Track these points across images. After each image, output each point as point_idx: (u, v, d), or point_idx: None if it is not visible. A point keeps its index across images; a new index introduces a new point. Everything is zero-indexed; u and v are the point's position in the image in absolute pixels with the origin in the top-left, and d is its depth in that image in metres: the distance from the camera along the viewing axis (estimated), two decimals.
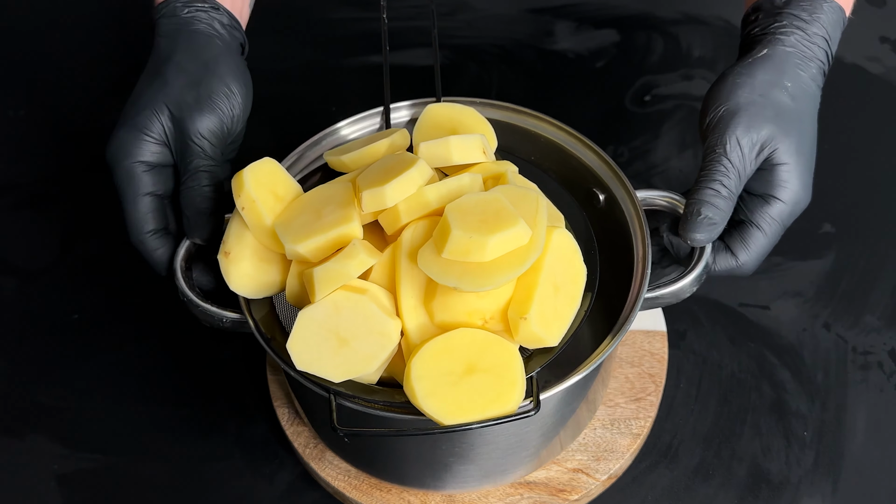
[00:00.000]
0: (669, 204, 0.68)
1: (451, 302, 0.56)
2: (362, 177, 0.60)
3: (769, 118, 0.64)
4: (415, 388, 0.55)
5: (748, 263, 0.67)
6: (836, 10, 0.69)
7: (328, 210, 0.59)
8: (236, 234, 0.62)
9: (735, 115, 0.64)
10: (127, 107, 0.67)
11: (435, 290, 0.56)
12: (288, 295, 0.61)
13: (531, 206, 0.57)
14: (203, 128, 0.65)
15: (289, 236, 0.58)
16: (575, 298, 0.59)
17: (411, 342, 0.57)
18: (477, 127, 0.68)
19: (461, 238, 0.54)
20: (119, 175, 0.66)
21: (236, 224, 0.62)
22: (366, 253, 0.57)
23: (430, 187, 0.58)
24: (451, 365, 0.55)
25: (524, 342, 0.57)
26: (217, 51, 0.68)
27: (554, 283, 0.57)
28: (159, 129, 0.66)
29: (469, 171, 0.61)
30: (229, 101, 0.66)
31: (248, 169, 0.61)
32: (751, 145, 0.64)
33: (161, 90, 0.66)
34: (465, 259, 0.55)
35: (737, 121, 0.64)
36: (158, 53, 0.68)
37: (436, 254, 0.55)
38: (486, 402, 0.55)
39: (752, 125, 0.64)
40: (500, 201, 0.56)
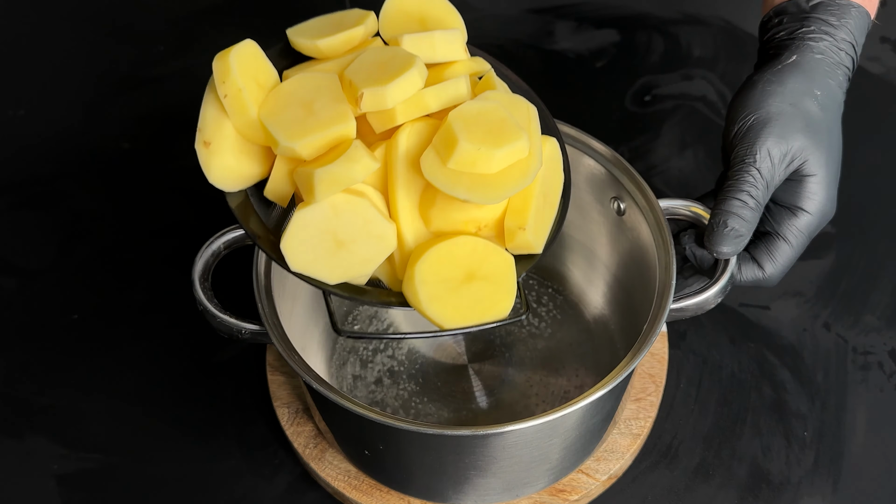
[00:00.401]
0: (693, 214, 0.68)
1: (450, 210, 0.56)
2: (354, 72, 0.57)
3: (800, 129, 0.63)
4: (418, 292, 0.55)
5: (774, 275, 0.66)
6: (864, 15, 0.68)
7: (320, 105, 0.57)
8: (214, 122, 0.58)
9: (766, 124, 0.64)
10: None
11: (434, 198, 0.56)
12: (269, 190, 0.59)
13: (525, 116, 0.57)
14: None
15: (282, 132, 0.56)
16: (555, 206, 0.60)
17: (406, 247, 0.57)
18: (448, 19, 0.64)
19: (469, 150, 0.54)
20: None
21: (213, 110, 0.58)
22: (369, 157, 0.55)
23: (429, 90, 0.57)
24: (452, 272, 0.56)
25: (515, 249, 0.58)
26: None
27: (544, 192, 0.58)
28: None
29: (452, 70, 0.60)
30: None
31: (233, 52, 0.57)
32: (781, 156, 0.63)
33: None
34: (472, 170, 0.54)
35: (768, 131, 0.63)
36: None
37: (440, 163, 0.55)
38: (483, 308, 0.56)
39: (784, 136, 0.63)
40: (500, 111, 0.55)
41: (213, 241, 0.67)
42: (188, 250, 0.77)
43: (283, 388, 0.74)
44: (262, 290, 0.64)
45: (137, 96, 0.97)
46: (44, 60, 1.01)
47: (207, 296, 0.65)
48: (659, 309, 0.63)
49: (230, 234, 0.67)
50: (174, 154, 0.93)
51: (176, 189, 0.90)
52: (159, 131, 0.95)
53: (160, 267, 0.85)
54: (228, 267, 0.73)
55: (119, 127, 0.95)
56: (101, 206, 0.89)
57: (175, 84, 0.98)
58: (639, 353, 0.61)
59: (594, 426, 0.66)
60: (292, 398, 0.74)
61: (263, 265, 0.65)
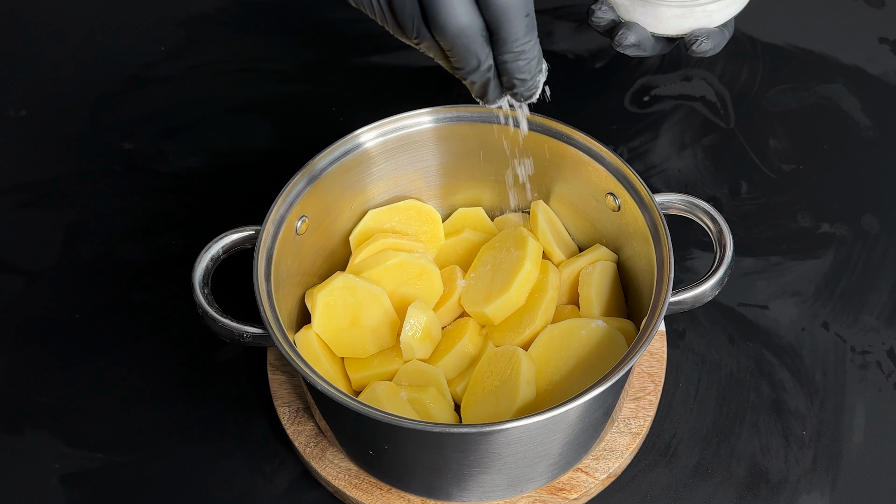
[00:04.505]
0: (689, 208, 0.69)
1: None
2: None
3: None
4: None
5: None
6: None
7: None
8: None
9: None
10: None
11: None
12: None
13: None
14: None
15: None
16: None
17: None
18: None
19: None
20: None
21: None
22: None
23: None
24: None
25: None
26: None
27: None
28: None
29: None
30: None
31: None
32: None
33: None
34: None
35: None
36: None
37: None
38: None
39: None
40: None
41: (212, 245, 0.67)
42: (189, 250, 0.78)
43: (284, 388, 0.75)
44: (264, 294, 0.64)
45: (139, 97, 0.98)
46: (45, 61, 1.01)
47: (208, 300, 0.65)
48: (658, 302, 0.63)
49: (229, 237, 0.68)
50: (175, 155, 0.93)
51: (176, 190, 0.90)
52: (161, 132, 0.95)
53: (161, 267, 0.85)
54: (228, 267, 0.73)
55: (120, 127, 0.95)
56: (102, 207, 0.89)
57: (176, 85, 0.99)
58: (640, 347, 0.61)
59: (595, 420, 0.66)
60: (293, 397, 0.74)
61: (264, 268, 0.66)
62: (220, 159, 0.92)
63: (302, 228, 0.70)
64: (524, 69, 0.56)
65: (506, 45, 0.55)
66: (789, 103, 0.96)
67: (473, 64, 0.55)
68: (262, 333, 0.64)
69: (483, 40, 0.55)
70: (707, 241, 0.83)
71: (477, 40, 0.54)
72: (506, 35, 0.54)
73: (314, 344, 0.70)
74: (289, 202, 0.69)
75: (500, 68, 0.57)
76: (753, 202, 0.88)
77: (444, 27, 0.53)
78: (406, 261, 0.73)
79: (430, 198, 0.79)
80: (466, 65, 0.56)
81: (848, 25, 1.02)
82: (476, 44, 0.55)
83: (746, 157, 0.92)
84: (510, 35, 0.54)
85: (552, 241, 0.75)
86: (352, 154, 0.72)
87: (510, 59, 0.55)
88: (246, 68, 1.00)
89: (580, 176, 0.73)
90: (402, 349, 0.71)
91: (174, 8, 1.05)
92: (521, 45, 0.55)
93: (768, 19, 1.03)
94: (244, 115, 0.96)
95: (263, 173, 0.91)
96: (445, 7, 0.52)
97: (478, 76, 0.57)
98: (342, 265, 0.77)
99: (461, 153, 0.76)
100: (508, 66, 0.56)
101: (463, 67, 0.56)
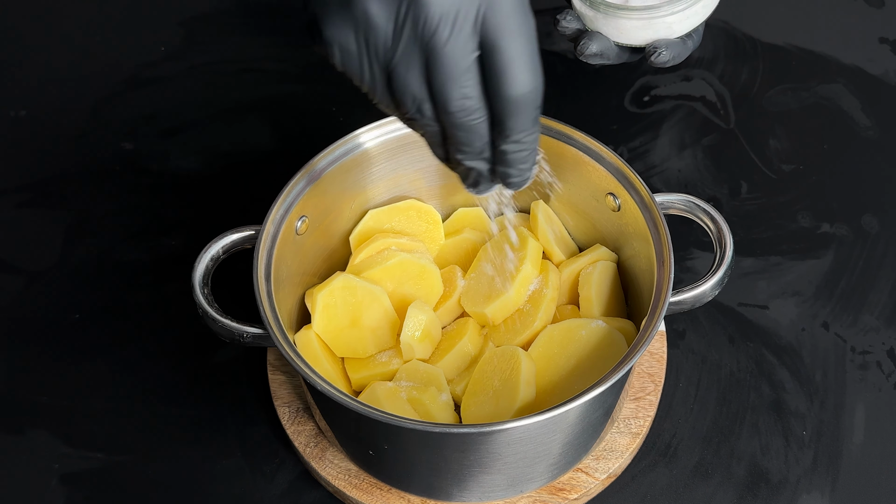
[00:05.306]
0: (689, 208, 0.69)
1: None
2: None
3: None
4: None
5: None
6: None
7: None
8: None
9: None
10: None
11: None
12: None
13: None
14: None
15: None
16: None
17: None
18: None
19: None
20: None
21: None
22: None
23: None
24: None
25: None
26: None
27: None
28: None
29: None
30: None
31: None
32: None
33: None
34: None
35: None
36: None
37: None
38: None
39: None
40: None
41: (212, 245, 0.67)
42: (189, 250, 0.78)
43: (284, 388, 0.75)
44: (264, 294, 0.64)
45: (139, 97, 0.98)
46: (45, 61, 1.01)
47: (208, 300, 0.65)
48: (658, 302, 0.63)
49: (229, 237, 0.68)
50: (175, 154, 0.93)
51: (176, 190, 0.90)
52: (160, 132, 0.95)
53: (161, 267, 0.85)
54: (228, 267, 0.73)
55: (120, 127, 0.95)
56: (102, 207, 0.89)
57: (176, 85, 0.99)
58: (640, 347, 0.61)
59: (595, 420, 0.66)
60: (293, 397, 0.74)
61: (264, 268, 0.66)
62: (220, 159, 0.92)
63: (302, 228, 0.70)
64: (525, 160, 0.54)
65: (510, 136, 0.52)
66: (789, 103, 0.96)
67: (477, 146, 0.53)
68: (262, 333, 0.64)
69: (487, 122, 0.52)
70: (707, 241, 0.83)
71: (482, 122, 0.52)
72: (513, 126, 0.52)
73: (314, 344, 0.70)
74: (289, 202, 0.69)
75: (497, 157, 0.54)
76: (753, 202, 0.88)
77: (455, 108, 0.50)
78: (406, 261, 0.73)
79: (430, 198, 0.79)
80: (470, 146, 0.53)
81: (848, 25, 1.02)
82: (482, 126, 0.52)
83: (746, 157, 0.92)
84: (517, 127, 0.52)
85: (552, 241, 0.75)
86: (352, 154, 0.72)
87: (512, 149, 0.53)
88: (246, 68, 1.00)
89: (580, 176, 0.73)
90: (402, 349, 0.71)
91: (174, 8, 1.05)
92: (526, 137, 0.53)
93: (768, 19, 1.03)
94: (244, 115, 0.96)
95: (263, 173, 0.90)
96: (457, 86, 0.50)
97: (477, 162, 0.54)
98: (342, 265, 0.77)
99: None
100: (509, 156, 0.53)
101: (465, 148, 0.53)
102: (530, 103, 0.51)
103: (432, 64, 0.49)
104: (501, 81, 0.50)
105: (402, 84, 0.51)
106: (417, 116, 0.52)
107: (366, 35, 0.50)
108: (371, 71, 0.51)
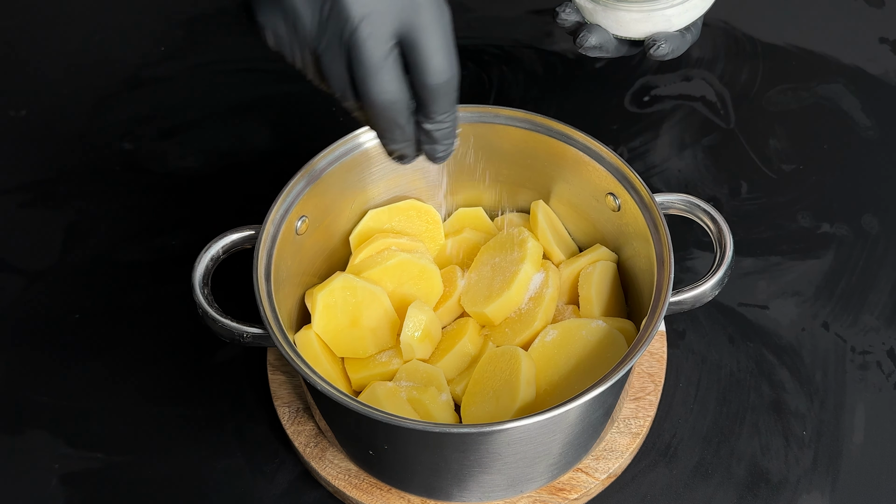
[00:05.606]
0: (689, 208, 0.69)
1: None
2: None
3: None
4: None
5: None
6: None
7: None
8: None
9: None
10: None
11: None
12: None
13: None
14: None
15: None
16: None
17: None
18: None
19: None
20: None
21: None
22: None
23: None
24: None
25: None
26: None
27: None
28: None
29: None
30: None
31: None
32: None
33: None
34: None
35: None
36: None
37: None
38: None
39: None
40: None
41: (212, 245, 0.67)
42: (189, 250, 0.78)
43: (284, 388, 0.75)
44: (264, 294, 0.64)
45: (139, 97, 0.98)
46: (45, 61, 1.01)
47: (208, 300, 0.65)
48: (658, 302, 0.63)
49: (229, 237, 0.68)
50: (175, 155, 0.93)
51: (176, 190, 0.90)
52: (160, 132, 0.95)
53: (161, 267, 0.85)
54: (228, 267, 0.73)
55: (120, 127, 0.95)
56: (102, 207, 0.89)
57: (176, 85, 0.99)
58: (640, 347, 0.61)
59: (595, 420, 0.66)
60: (293, 397, 0.74)
61: (264, 268, 0.66)
62: (220, 159, 0.92)
63: (302, 228, 0.70)
64: (446, 136, 0.58)
65: (431, 117, 0.57)
66: (789, 103, 0.96)
67: (396, 136, 0.57)
68: (262, 333, 0.64)
69: (409, 113, 0.57)
70: (707, 241, 0.83)
71: (403, 114, 0.56)
72: (434, 109, 0.56)
73: (314, 344, 0.70)
74: (289, 202, 0.69)
75: (422, 134, 0.58)
76: (753, 202, 0.88)
77: (373, 100, 0.54)
78: (406, 261, 0.73)
79: (430, 198, 0.79)
80: (389, 136, 0.57)
81: (848, 25, 1.02)
82: (402, 117, 0.56)
83: (746, 157, 0.92)
84: (438, 109, 0.56)
85: (552, 241, 0.75)
86: (352, 154, 0.72)
87: (433, 128, 0.57)
88: (246, 68, 1.00)
89: (580, 176, 0.73)
90: (402, 349, 0.71)
91: (174, 8, 1.05)
92: (447, 118, 0.57)
93: (768, 19, 1.03)
94: (244, 115, 0.96)
95: (263, 173, 0.91)
96: (375, 81, 0.54)
97: (398, 146, 0.59)
98: (342, 265, 0.77)
99: (461, 153, 0.76)
100: (433, 134, 0.58)
101: (385, 137, 0.58)
102: (449, 89, 0.56)
103: (353, 58, 0.53)
104: (422, 73, 0.54)
105: (327, 70, 0.55)
106: (343, 100, 0.56)
107: (294, 23, 0.54)
108: (301, 54, 0.56)
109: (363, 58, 0.53)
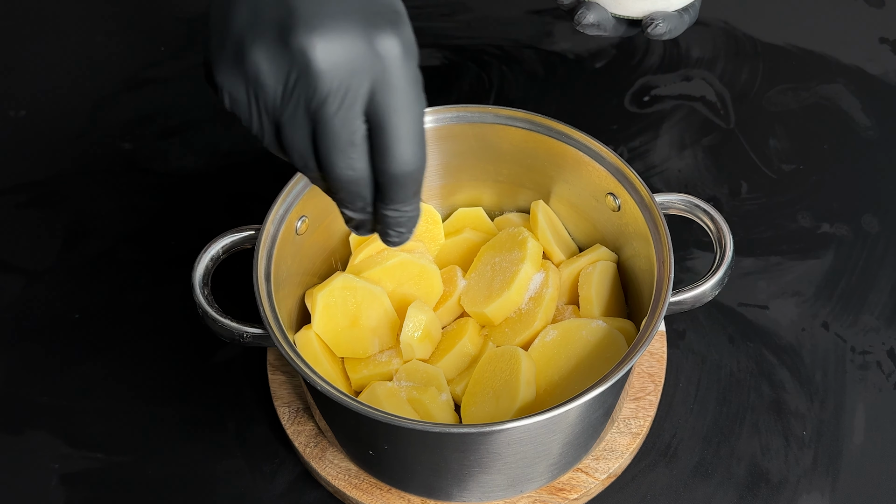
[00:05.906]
0: (689, 208, 0.69)
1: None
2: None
3: None
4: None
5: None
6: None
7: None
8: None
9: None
10: None
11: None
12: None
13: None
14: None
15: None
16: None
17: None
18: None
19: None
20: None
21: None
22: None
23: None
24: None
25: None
26: None
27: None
28: None
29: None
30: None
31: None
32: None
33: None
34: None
35: None
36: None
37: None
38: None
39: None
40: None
41: (212, 245, 0.67)
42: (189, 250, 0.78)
43: (284, 388, 0.75)
44: (264, 294, 0.64)
45: (139, 97, 0.98)
46: (45, 61, 1.01)
47: (208, 300, 0.65)
48: (658, 302, 0.63)
49: (229, 237, 0.68)
50: (175, 155, 0.93)
51: (176, 190, 0.90)
52: (160, 132, 0.95)
53: (161, 267, 0.85)
54: (228, 267, 0.73)
55: (120, 127, 0.95)
56: (102, 207, 0.89)
57: (176, 85, 0.99)
58: (640, 347, 0.61)
59: (595, 420, 0.66)
60: (293, 397, 0.74)
61: (264, 268, 0.66)
62: (220, 159, 0.92)
63: (302, 228, 0.70)
64: (403, 224, 0.55)
65: (392, 205, 0.53)
66: (789, 103, 0.96)
67: (358, 206, 0.54)
68: (262, 333, 0.64)
69: (370, 188, 0.53)
70: (707, 241, 0.84)
71: (368, 188, 0.53)
72: (394, 197, 0.53)
73: (314, 344, 0.70)
74: (289, 202, 0.69)
75: (378, 217, 0.55)
76: (753, 202, 0.88)
77: (338, 175, 0.51)
78: (406, 261, 0.73)
79: (430, 198, 0.79)
80: (350, 207, 0.54)
81: (848, 25, 1.02)
82: (367, 192, 0.53)
83: (746, 157, 0.92)
84: (398, 198, 0.53)
85: (552, 241, 0.75)
86: None
87: (392, 215, 0.54)
88: None
89: (580, 176, 0.73)
90: (402, 349, 0.71)
91: (174, 8, 1.05)
92: (407, 207, 0.54)
93: (768, 19, 1.03)
94: None
95: (263, 173, 0.91)
96: (341, 158, 0.50)
97: (357, 214, 0.55)
98: (342, 265, 0.77)
99: (461, 153, 0.76)
100: (389, 219, 0.54)
101: (347, 205, 0.54)
102: (412, 180, 0.52)
103: (319, 133, 0.50)
104: (386, 158, 0.51)
105: (289, 141, 0.51)
106: (304, 171, 0.53)
107: (255, 91, 0.50)
108: (260, 121, 0.51)
109: (330, 134, 0.49)
